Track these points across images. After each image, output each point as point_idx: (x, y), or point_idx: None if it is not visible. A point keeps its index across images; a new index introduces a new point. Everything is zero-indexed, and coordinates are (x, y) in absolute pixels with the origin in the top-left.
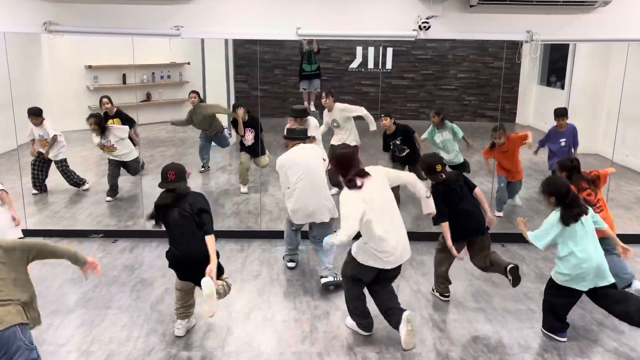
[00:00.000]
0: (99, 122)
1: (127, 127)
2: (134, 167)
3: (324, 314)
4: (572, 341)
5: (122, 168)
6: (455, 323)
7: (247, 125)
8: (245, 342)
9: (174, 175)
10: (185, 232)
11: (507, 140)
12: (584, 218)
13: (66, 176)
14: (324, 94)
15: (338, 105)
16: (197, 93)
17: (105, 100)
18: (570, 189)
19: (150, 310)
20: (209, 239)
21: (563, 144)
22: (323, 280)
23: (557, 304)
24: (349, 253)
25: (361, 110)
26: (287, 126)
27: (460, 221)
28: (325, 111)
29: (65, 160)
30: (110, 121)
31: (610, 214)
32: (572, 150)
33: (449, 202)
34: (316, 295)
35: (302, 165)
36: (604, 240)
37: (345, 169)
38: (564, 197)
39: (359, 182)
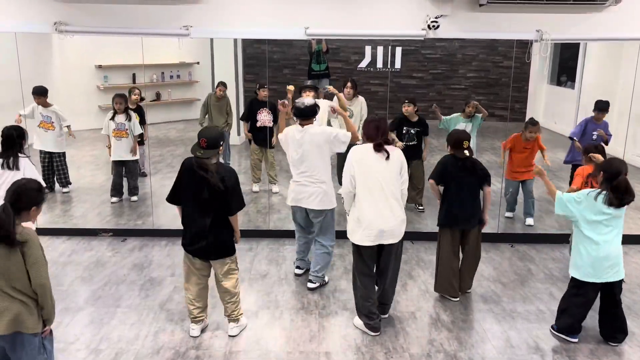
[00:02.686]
0: (125, 102)
1: (140, 129)
2: (133, 169)
3: (332, 313)
4: (582, 342)
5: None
6: (463, 323)
7: (265, 105)
8: (254, 341)
9: (205, 143)
10: (207, 208)
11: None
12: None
13: (61, 171)
14: (349, 84)
15: (360, 98)
16: (225, 86)
17: (136, 91)
18: (621, 173)
19: (159, 309)
20: (233, 219)
21: (595, 137)
22: (308, 285)
23: (577, 302)
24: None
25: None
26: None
27: (450, 205)
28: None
29: (64, 154)
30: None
31: None
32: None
33: (450, 178)
34: (324, 294)
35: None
36: None
37: (373, 134)
38: (613, 177)
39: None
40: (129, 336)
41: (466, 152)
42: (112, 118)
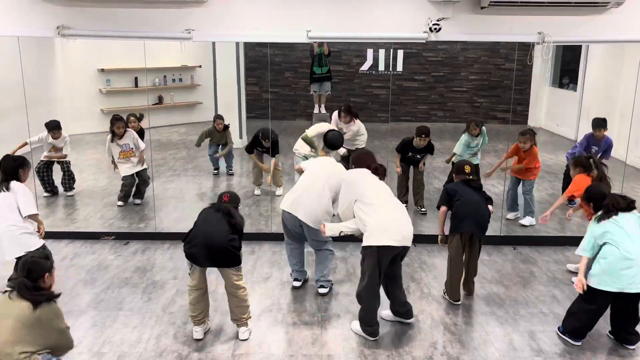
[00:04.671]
0: (125, 125)
1: (144, 144)
2: (145, 176)
3: (335, 317)
4: (585, 345)
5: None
6: (466, 326)
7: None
8: (256, 344)
9: (228, 198)
10: (215, 223)
11: (531, 149)
12: (623, 217)
13: (67, 176)
14: (343, 113)
15: (357, 121)
16: (223, 119)
17: (132, 118)
18: (606, 195)
19: (161, 312)
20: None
21: (593, 150)
22: (320, 290)
23: (587, 309)
24: (362, 251)
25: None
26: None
27: (464, 210)
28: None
29: (69, 161)
30: None
31: None
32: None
33: (458, 194)
34: (326, 297)
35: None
36: None
37: (363, 163)
38: (599, 202)
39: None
40: (132, 339)
41: (469, 176)
42: (113, 140)
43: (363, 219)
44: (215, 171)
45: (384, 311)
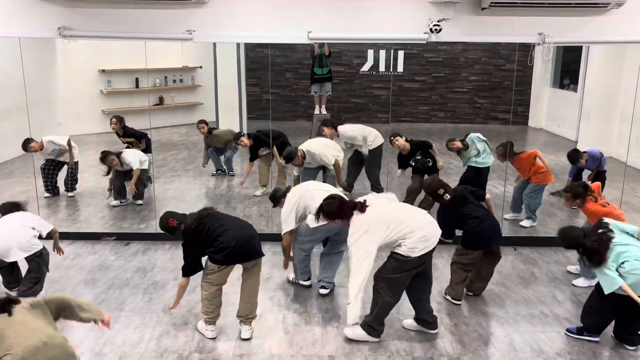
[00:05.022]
0: (117, 157)
1: (141, 160)
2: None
3: (335, 317)
4: (585, 346)
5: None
6: (466, 327)
7: (262, 145)
8: (257, 344)
9: (175, 222)
10: (236, 220)
11: (514, 160)
12: (616, 236)
13: (71, 176)
14: (325, 128)
15: (346, 128)
16: (206, 122)
17: (114, 120)
18: (583, 239)
19: (162, 313)
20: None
21: (592, 169)
22: (322, 291)
23: (612, 303)
24: (395, 258)
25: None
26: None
27: (476, 229)
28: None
29: (77, 162)
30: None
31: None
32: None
33: (456, 219)
34: (327, 298)
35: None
36: None
37: (341, 214)
38: (581, 249)
39: (362, 210)
40: (133, 340)
41: (446, 196)
42: (108, 174)
43: (402, 242)
44: (217, 172)
45: (406, 320)
